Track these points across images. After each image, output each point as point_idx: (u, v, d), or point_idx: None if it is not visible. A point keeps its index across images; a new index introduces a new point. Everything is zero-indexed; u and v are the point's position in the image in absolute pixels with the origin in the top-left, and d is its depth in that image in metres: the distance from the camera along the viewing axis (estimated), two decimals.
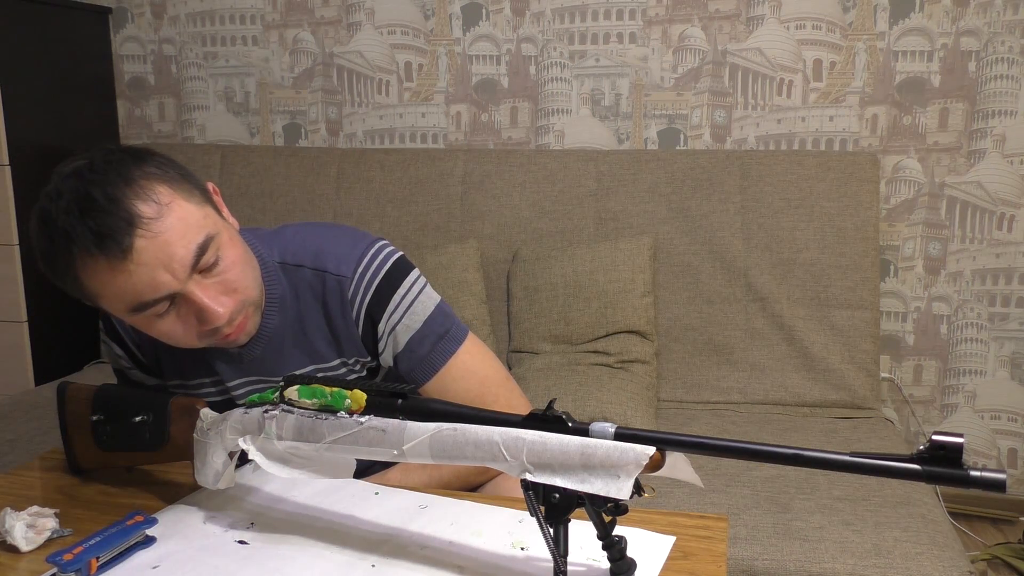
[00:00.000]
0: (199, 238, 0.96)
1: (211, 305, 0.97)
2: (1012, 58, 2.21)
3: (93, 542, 0.89)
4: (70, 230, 0.92)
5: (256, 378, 1.16)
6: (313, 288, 1.12)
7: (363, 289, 1.12)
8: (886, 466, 0.70)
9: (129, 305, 0.96)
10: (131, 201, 0.93)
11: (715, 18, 2.34)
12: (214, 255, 0.98)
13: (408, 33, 2.53)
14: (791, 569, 1.45)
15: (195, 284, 0.97)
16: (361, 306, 1.12)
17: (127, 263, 0.92)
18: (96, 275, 0.94)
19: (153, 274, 0.94)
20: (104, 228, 0.91)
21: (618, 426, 0.78)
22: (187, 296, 0.97)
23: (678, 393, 2.20)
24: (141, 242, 0.92)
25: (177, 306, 0.98)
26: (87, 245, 0.92)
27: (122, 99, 2.78)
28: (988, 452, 2.37)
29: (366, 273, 1.12)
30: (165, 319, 0.98)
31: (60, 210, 0.93)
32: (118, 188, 0.93)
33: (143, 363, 1.21)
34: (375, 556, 0.91)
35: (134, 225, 0.92)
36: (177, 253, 0.94)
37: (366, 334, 1.14)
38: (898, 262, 2.34)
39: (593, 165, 2.30)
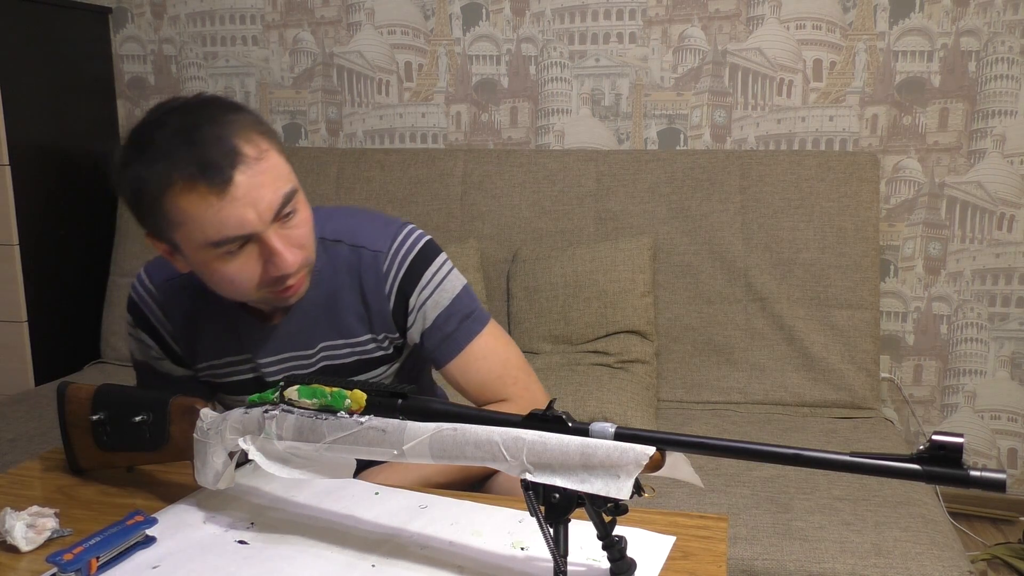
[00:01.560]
0: (286, 188, 1.01)
1: (286, 253, 1.01)
2: (1012, 58, 2.21)
3: (93, 542, 0.89)
4: (174, 156, 0.96)
5: (288, 355, 1.18)
6: (349, 264, 1.16)
7: (397, 264, 1.16)
8: (886, 466, 0.70)
9: (209, 239, 0.99)
10: (235, 140, 0.98)
11: (715, 18, 2.34)
12: (293, 208, 1.02)
13: (408, 33, 2.53)
14: (791, 569, 1.45)
15: (273, 231, 1.01)
16: (395, 281, 1.16)
17: (223, 195, 0.97)
18: (189, 203, 0.97)
19: (242, 211, 0.98)
20: (208, 158, 0.96)
21: (618, 426, 0.78)
22: (264, 240, 1.00)
23: (678, 393, 2.20)
24: (240, 177, 0.97)
25: (248, 250, 1.01)
26: (190, 171, 0.96)
27: (122, 99, 2.78)
28: (988, 452, 2.37)
29: (400, 249, 1.17)
30: (234, 260, 1.02)
31: (165, 137, 0.97)
32: (224, 127, 0.98)
33: (175, 352, 1.22)
34: (375, 556, 0.91)
35: (236, 161, 0.97)
36: (266, 196, 0.99)
37: (397, 309, 1.18)
38: (898, 262, 2.34)
39: (593, 165, 2.30)
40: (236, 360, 1.20)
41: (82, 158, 2.62)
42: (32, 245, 2.40)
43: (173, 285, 1.19)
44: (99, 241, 2.60)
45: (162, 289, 1.20)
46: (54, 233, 2.49)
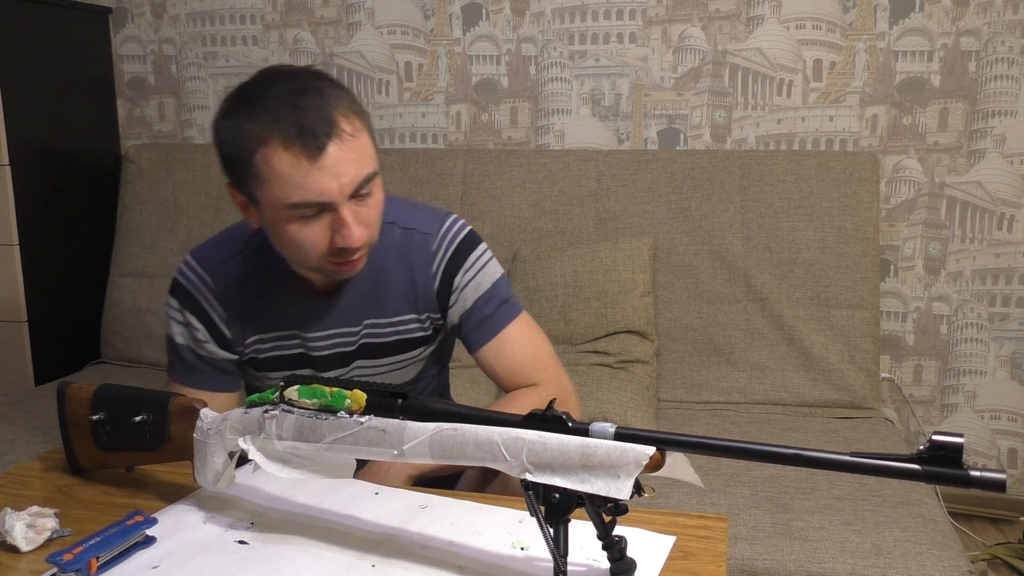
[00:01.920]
0: (369, 169, 1.08)
1: (354, 228, 1.07)
2: (1012, 58, 2.21)
3: (93, 542, 0.89)
4: (277, 115, 1.03)
5: (335, 331, 1.24)
6: (399, 245, 1.24)
7: (445, 246, 1.25)
8: (886, 466, 0.71)
9: (289, 199, 1.05)
10: (335, 113, 1.04)
11: (715, 18, 2.34)
12: (370, 189, 1.09)
13: (408, 33, 2.53)
14: (791, 569, 1.45)
15: (349, 205, 1.07)
16: (442, 261, 1.25)
17: (314, 161, 1.03)
18: (280, 161, 1.03)
19: (327, 180, 1.04)
20: (309, 123, 1.02)
21: (618, 426, 0.78)
22: (339, 212, 1.06)
23: (678, 393, 2.20)
24: (332, 148, 1.03)
25: (322, 219, 1.07)
26: (289, 131, 1.02)
27: (122, 99, 2.78)
28: (988, 452, 2.37)
29: (448, 233, 1.26)
30: (306, 225, 1.07)
31: (273, 95, 1.04)
32: (327, 99, 1.05)
33: (222, 336, 1.24)
34: (375, 556, 0.91)
35: (332, 133, 1.03)
36: (351, 171, 1.05)
37: (442, 288, 1.25)
38: (898, 262, 2.34)
39: (593, 165, 2.30)
40: (283, 335, 1.24)
41: (82, 158, 2.62)
42: (32, 245, 2.40)
43: (228, 267, 1.24)
44: (99, 241, 2.60)
45: (215, 273, 1.24)
46: (54, 233, 2.49)
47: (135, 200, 2.52)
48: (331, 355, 1.26)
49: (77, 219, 2.57)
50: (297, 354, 1.25)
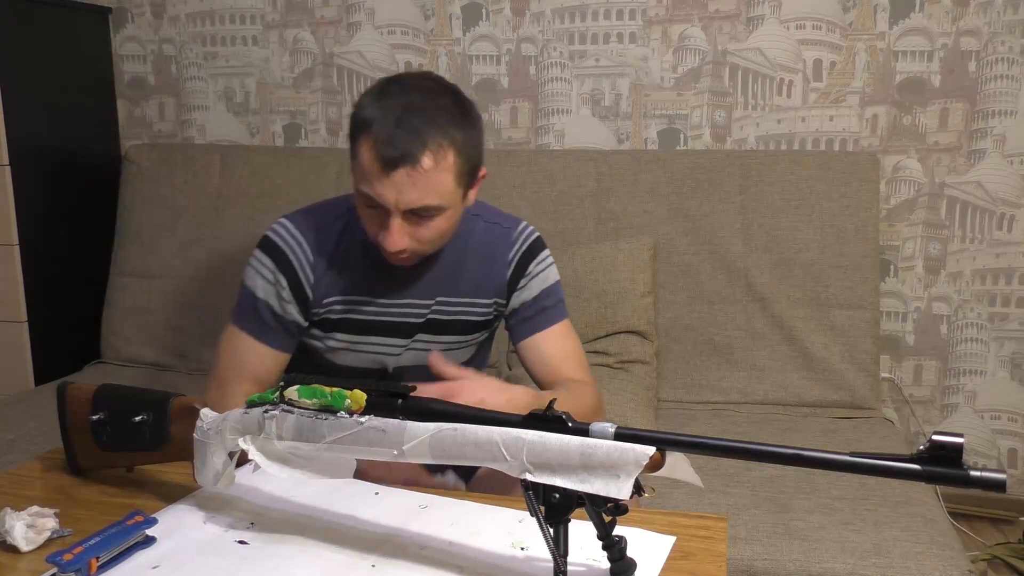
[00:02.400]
0: (432, 202, 1.19)
1: (393, 236, 1.20)
2: (1012, 58, 2.21)
3: (93, 542, 0.89)
4: (384, 118, 1.17)
5: (407, 300, 1.35)
6: (482, 235, 1.39)
7: (522, 240, 1.40)
8: (886, 466, 0.71)
9: (359, 183, 1.21)
10: (424, 149, 1.16)
11: (715, 18, 2.34)
12: (429, 216, 1.21)
13: (408, 33, 2.53)
14: (791, 569, 1.45)
15: (398, 217, 1.19)
16: (518, 251, 1.40)
17: (383, 172, 1.16)
18: (365, 150, 1.18)
19: (387, 191, 1.17)
20: (396, 142, 1.15)
21: (618, 426, 0.78)
22: (389, 218, 1.20)
23: (678, 393, 2.20)
24: (402, 172, 1.16)
25: (379, 211, 1.21)
26: (380, 137, 1.16)
27: (122, 99, 2.78)
28: (988, 452, 2.37)
29: (525, 230, 1.42)
30: (367, 209, 1.23)
31: (395, 100, 1.18)
32: (430, 130, 1.16)
33: (304, 297, 1.33)
34: (375, 556, 0.91)
35: (409, 161, 1.16)
36: (411, 196, 1.17)
37: (515, 275, 1.39)
38: (898, 262, 2.34)
39: (593, 165, 2.30)
40: (359, 300, 1.34)
41: (82, 158, 2.62)
42: (32, 245, 2.39)
43: (321, 235, 1.34)
44: (99, 241, 2.60)
45: (310, 239, 1.33)
46: (54, 233, 2.49)
47: (135, 200, 2.52)
48: (399, 323, 1.36)
49: (77, 219, 2.57)
50: (367, 320, 1.35)
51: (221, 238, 2.44)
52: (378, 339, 1.36)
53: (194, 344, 2.42)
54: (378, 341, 1.36)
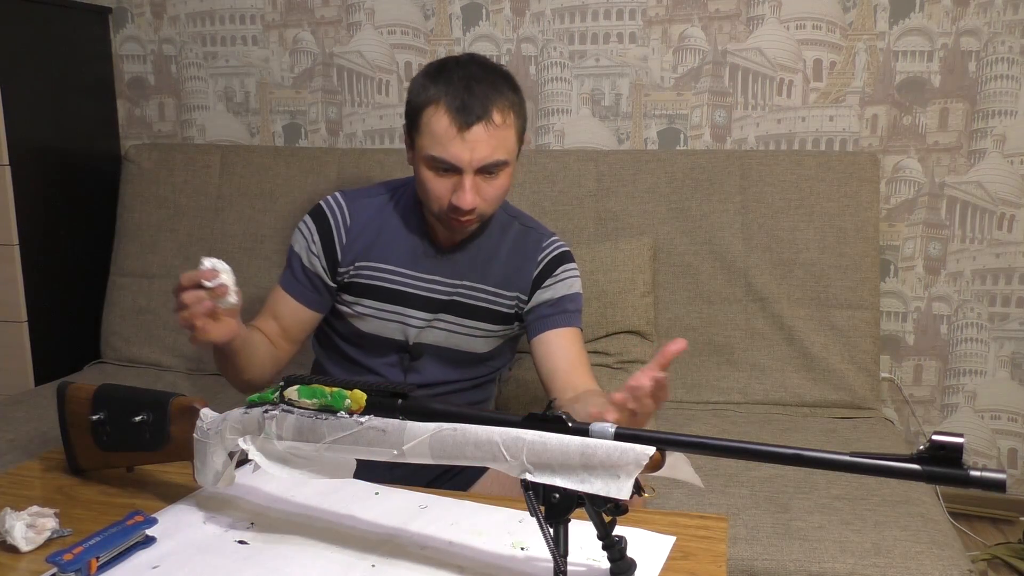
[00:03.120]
0: (502, 156, 1.33)
1: (467, 193, 1.32)
2: (1012, 58, 2.21)
3: (93, 542, 0.89)
4: (452, 88, 1.31)
5: (437, 277, 1.45)
6: (517, 235, 1.51)
7: (554, 247, 1.52)
8: (886, 466, 0.71)
9: (432, 150, 1.32)
10: (494, 106, 1.32)
11: (715, 18, 2.34)
12: (498, 172, 1.34)
13: (408, 33, 2.53)
14: (791, 569, 1.45)
15: (472, 176, 1.32)
16: (548, 255, 1.50)
17: (459, 131, 1.30)
18: (436, 119, 1.31)
19: (462, 150, 1.30)
20: (470, 104, 1.30)
21: (618, 426, 0.78)
22: (463, 178, 1.32)
23: (678, 393, 2.20)
24: (478, 129, 1.30)
25: (450, 176, 1.33)
26: (453, 103, 1.30)
27: (122, 99, 2.78)
28: (988, 452, 2.37)
29: (557, 240, 1.53)
30: (437, 176, 1.34)
31: (458, 73, 1.33)
32: (495, 94, 1.32)
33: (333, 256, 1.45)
34: (375, 556, 0.91)
35: (484, 118, 1.30)
36: (484, 151, 1.31)
37: (541, 274, 1.49)
38: (898, 262, 2.34)
39: (593, 165, 2.30)
40: (391, 269, 1.45)
41: (82, 158, 2.62)
42: (32, 245, 2.39)
43: (365, 204, 1.48)
44: (99, 241, 2.60)
45: (352, 206, 1.47)
46: (54, 233, 2.49)
47: (135, 200, 2.52)
48: (424, 297, 1.45)
49: (77, 219, 2.57)
50: (395, 289, 1.45)
51: (221, 238, 2.44)
52: (403, 309, 1.45)
53: None
54: (403, 311, 1.46)
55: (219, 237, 2.44)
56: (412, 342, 1.47)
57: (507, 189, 1.39)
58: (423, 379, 1.49)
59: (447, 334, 1.47)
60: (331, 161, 2.43)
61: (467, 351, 1.50)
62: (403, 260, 1.45)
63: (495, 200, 1.38)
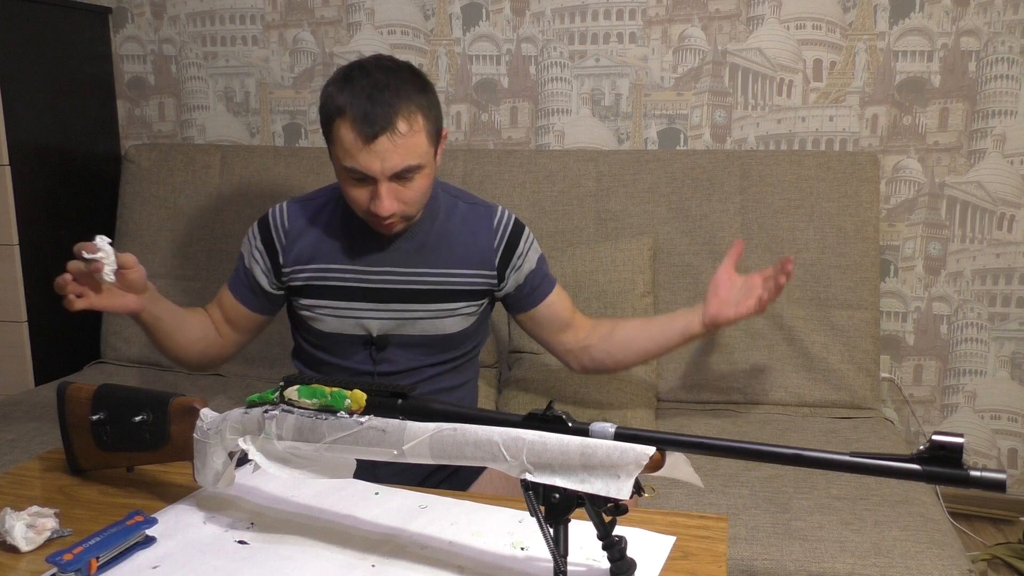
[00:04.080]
0: (413, 162, 1.33)
1: (383, 201, 1.34)
2: (1012, 58, 2.21)
3: (93, 542, 0.89)
4: (356, 98, 1.31)
5: (390, 268, 1.46)
6: (464, 215, 1.51)
7: (505, 223, 1.53)
8: (886, 466, 0.71)
9: (344, 160, 1.34)
10: (399, 114, 1.30)
11: (715, 18, 2.34)
12: (412, 176, 1.34)
13: (408, 33, 2.53)
14: (791, 569, 1.45)
15: (387, 183, 1.33)
16: (505, 233, 1.52)
17: (365, 143, 1.30)
18: (344, 131, 1.32)
19: (372, 161, 1.31)
20: (372, 115, 1.29)
21: (618, 426, 0.78)
22: (378, 186, 1.33)
23: (678, 393, 2.20)
24: (383, 140, 1.30)
25: (367, 185, 1.35)
26: (356, 115, 1.30)
27: (122, 99, 2.78)
28: (988, 452, 2.37)
29: (505, 213, 1.54)
30: (354, 185, 1.36)
31: (361, 83, 1.32)
32: (399, 100, 1.31)
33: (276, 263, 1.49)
34: (375, 556, 0.91)
35: (388, 128, 1.30)
36: (393, 160, 1.31)
37: (504, 257, 1.51)
38: (898, 262, 2.34)
39: (593, 165, 2.30)
40: (344, 268, 1.47)
41: (82, 158, 2.62)
42: (32, 245, 2.39)
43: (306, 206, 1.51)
44: None
45: (292, 209, 1.51)
46: (54, 233, 2.49)
47: (135, 200, 2.52)
48: (380, 289, 1.46)
49: (77, 219, 2.57)
50: (350, 286, 1.47)
51: (221, 238, 2.44)
52: (360, 304, 1.47)
53: None
54: (360, 306, 1.47)
55: (219, 237, 2.44)
56: (376, 334, 1.47)
57: (427, 188, 1.39)
58: (394, 367, 1.49)
59: (412, 321, 1.48)
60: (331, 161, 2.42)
61: (437, 334, 1.49)
62: (349, 256, 1.47)
63: (416, 201, 1.38)
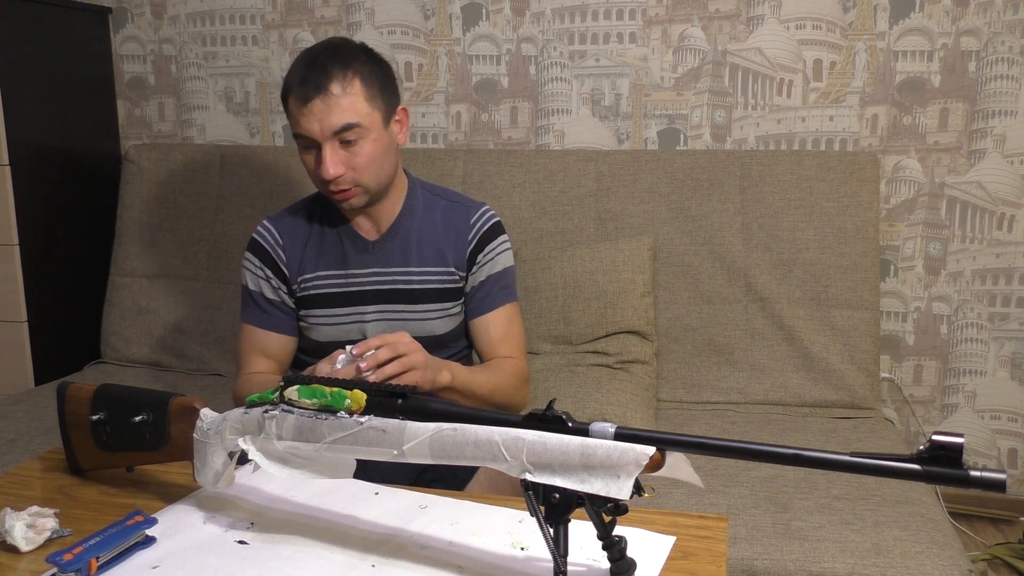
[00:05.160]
0: (348, 120, 1.37)
1: (327, 163, 1.38)
2: (1012, 58, 2.21)
3: (93, 542, 0.89)
4: (296, 69, 1.39)
5: (375, 269, 1.49)
6: (444, 212, 1.54)
7: (482, 222, 1.55)
8: (886, 466, 0.71)
9: (294, 130, 1.40)
10: (332, 78, 1.36)
11: (715, 18, 2.34)
12: (353, 137, 1.38)
13: (408, 33, 2.53)
14: (791, 569, 1.45)
15: (329, 145, 1.38)
16: (479, 232, 1.53)
17: (302, 107, 1.37)
18: (291, 101, 1.39)
19: (311, 122, 1.37)
20: (307, 80, 1.36)
21: (618, 426, 0.78)
22: (320, 149, 1.38)
23: (678, 393, 2.20)
24: (317, 101, 1.36)
25: (314, 152, 1.40)
26: (294, 82, 1.38)
27: (122, 99, 2.78)
28: (988, 452, 2.37)
29: (486, 213, 1.56)
30: (306, 153, 1.41)
31: (305, 57, 1.40)
32: (335, 67, 1.37)
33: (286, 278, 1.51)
34: (375, 556, 0.91)
35: (321, 91, 1.36)
36: (331, 119, 1.36)
37: (472, 254, 1.53)
38: (898, 262, 2.34)
39: (593, 165, 2.30)
40: (332, 274, 1.49)
41: (82, 158, 2.62)
42: (32, 245, 2.40)
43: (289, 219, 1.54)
44: (99, 241, 2.60)
45: (278, 224, 1.54)
46: (54, 233, 2.49)
47: (135, 200, 2.52)
48: (367, 291, 1.49)
49: (77, 219, 2.57)
50: (340, 292, 1.49)
51: (221, 238, 2.44)
52: (351, 308, 1.49)
53: (194, 344, 2.42)
54: (352, 310, 1.50)
55: (219, 237, 2.44)
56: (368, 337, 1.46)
57: (378, 156, 1.41)
58: None
59: (401, 323, 1.49)
60: None
61: (425, 335, 1.47)
62: (335, 262, 1.50)
63: (365, 168, 1.40)
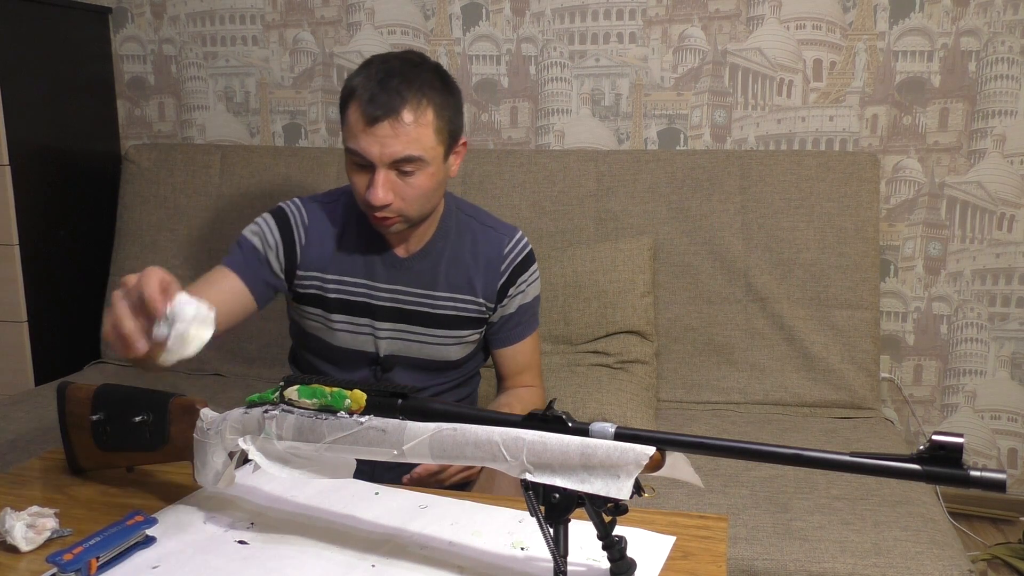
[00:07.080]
0: (414, 152, 1.31)
1: (377, 189, 1.31)
2: (1012, 58, 2.21)
3: (93, 542, 0.89)
4: (368, 81, 1.32)
5: (400, 287, 1.45)
6: (476, 236, 1.48)
7: (516, 252, 1.50)
8: (886, 466, 0.71)
9: (348, 141, 1.34)
10: (405, 104, 1.30)
11: (715, 18, 2.34)
12: (411, 169, 1.32)
13: (408, 33, 2.53)
14: (791, 569, 1.45)
15: (384, 171, 1.31)
16: (511, 264, 1.49)
17: (368, 126, 1.30)
18: (352, 112, 1.32)
19: (371, 144, 1.30)
20: (379, 99, 1.29)
21: (618, 426, 0.78)
22: (375, 172, 1.32)
23: (678, 393, 2.20)
24: (386, 124, 1.29)
25: (367, 171, 1.33)
26: (365, 96, 1.31)
27: (122, 99, 2.78)
28: (988, 452, 2.37)
29: (520, 242, 1.51)
30: (355, 170, 1.35)
31: (377, 68, 1.33)
32: (410, 91, 1.30)
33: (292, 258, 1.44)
34: (375, 556, 0.91)
35: (391, 114, 1.29)
36: (394, 147, 1.30)
37: (504, 286, 1.48)
38: (898, 262, 2.34)
39: (593, 165, 2.30)
40: (355, 282, 1.45)
41: (82, 158, 2.62)
42: (32, 245, 2.40)
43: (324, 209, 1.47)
44: (99, 241, 2.60)
45: (311, 208, 1.47)
46: (54, 233, 2.49)
47: (135, 200, 2.52)
48: (390, 308, 1.45)
49: (77, 219, 2.57)
50: (364, 302, 1.44)
51: (221, 238, 2.44)
52: (368, 320, 1.45)
53: None
54: (368, 322, 1.45)
55: (219, 237, 2.44)
56: (383, 354, 1.45)
57: (431, 191, 1.35)
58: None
59: (419, 345, 1.46)
60: (331, 161, 2.43)
61: (440, 359, 1.48)
62: (364, 271, 1.44)
63: (416, 201, 1.34)
